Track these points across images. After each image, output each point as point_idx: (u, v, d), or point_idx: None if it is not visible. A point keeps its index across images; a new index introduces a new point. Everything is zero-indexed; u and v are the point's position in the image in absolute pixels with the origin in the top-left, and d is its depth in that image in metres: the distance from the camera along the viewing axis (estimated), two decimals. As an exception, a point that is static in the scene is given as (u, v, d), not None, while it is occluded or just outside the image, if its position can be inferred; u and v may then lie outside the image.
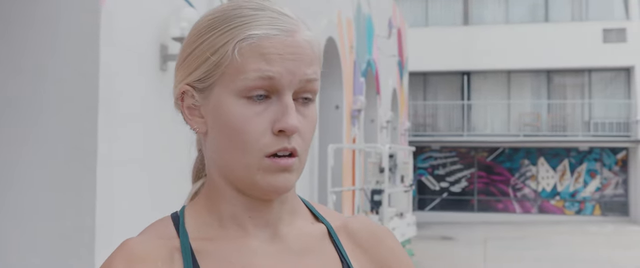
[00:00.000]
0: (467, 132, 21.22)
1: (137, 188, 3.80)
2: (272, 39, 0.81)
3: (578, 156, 20.94)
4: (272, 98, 0.82)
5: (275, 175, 0.82)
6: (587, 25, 20.69)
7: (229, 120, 0.82)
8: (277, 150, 0.81)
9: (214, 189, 0.87)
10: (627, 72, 20.67)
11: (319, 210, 0.96)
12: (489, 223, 19.34)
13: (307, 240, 0.90)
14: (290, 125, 0.81)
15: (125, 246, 0.83)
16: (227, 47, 0.82)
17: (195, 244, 0.84)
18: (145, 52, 3.90)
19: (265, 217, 0.87)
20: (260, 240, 0.86)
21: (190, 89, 0.87)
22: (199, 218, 0.87)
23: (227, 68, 0.82)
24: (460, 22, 22.09)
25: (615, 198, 20.64)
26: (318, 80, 0.85)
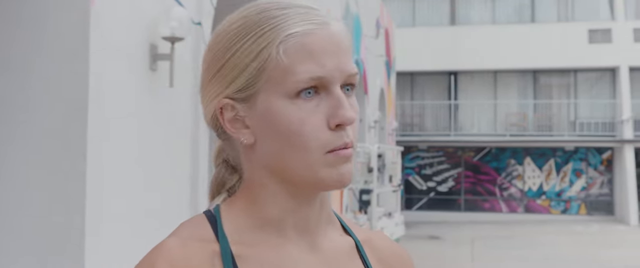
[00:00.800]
0: (454, 132, 21.31)
1: (127, 187, 3.79)
2: (312, 35, 0.80)
3: (564, 156, 21.07)
4: (321, 93, 0.81)
5: (339, 168, 0.81)
6: (572, 25, 20.84)
7: (284, 123, 0.80)
8: (340, 146, 0.80)
9: (260, 194, 0.85)
10: (613, 73, 20.84)
11: (345, 221, 0.95)
12: (476, 222, 19.43)
13: (340, 253, 0.89)
14: (348, 118, 0.80)
15: (165, 248, 0.79)
16: (269, 50, 0.80)
17: (235, 248, 0.81)
18: (134, 52, 3.88)
19: (307, 222, 0.86)
20: (300, 248, 0.85)
21: (230, 102, 0.83)
22: (238, 221, 0.84)
23: (273, 71, 0.80)
24: (447, 22, 22.17)
25: (600, 198, 20.79)
26: (358, 74, 0.85)
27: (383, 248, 0.96)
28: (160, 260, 0.78)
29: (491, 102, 21.51)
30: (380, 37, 15.05)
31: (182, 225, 0.85)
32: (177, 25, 4.09)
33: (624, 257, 11.89)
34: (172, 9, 4.08)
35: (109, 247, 3.55)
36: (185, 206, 4.54)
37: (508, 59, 20.81)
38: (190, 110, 4.64)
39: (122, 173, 3.73)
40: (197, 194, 4.66)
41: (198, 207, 4.64)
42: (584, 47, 20.41)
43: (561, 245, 14.06)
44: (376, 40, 14.33)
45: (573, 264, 11.29)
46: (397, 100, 20.86)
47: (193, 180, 4.65)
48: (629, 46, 20.12)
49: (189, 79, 4.60)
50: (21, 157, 3.34)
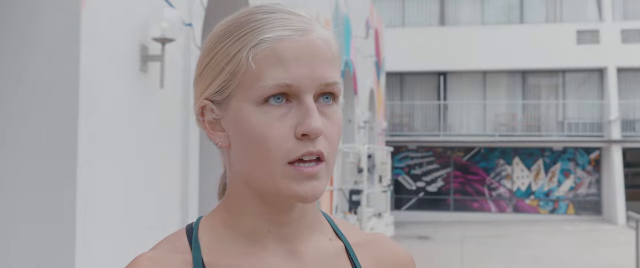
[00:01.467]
0: (443, 132, 21.37)
1: (117, 188, 3.79)
2: (285, 41, 0.78)
3: (552, 156, 21.19)
4: (292, 101, 0.79)
5: (301, 184, 0.78)
6: (561, 26, 20.96)
7: (249, 129, 0.78)
8: (301, 155, 0.77)
9: (235, 202, 0.85)
10: (600, 73, 20.97)
11: (339, 225, 0.93)
12: (465, 222, 19.50)
13: (324, 259, 0.87)
14: (313, 128, 0.76)
15: (138, 262, 0.80)
16: (241, 54, 0.79)
17: (207, 258, 0.82)
18: (125, 53, 3.88)
19: (285, 231, 0.84)
20: (276, 256, 0.84)
21: (209, 103, 0.83)
22: (214, 232, 0.85)
23: (244, 76, 0.78)
24: (437, 22, 22.24)
25: (588, 198, 20.92)
26: (339, 83, 0.81)
27: (381, 251, 0.93)
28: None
29: (480, 103, 21.60)
30: (370, 38, 15.08)
31: (161, 241, 0.86)
32: (168, 26, 4.10)
33: (611, 256, 11.98)
34: (162, 10, 4.08)
35: (99, 248, 3.55)
36: (176, 207, 4.55)
37: (497, 60, 20.90)
38: (180, 111, 4.64)
39: (112, 174, 3.73)
40: (188, 195, 4.66)
41: (189, 207, 4.64)
42: (572, 47, 20.53)
43: (549, 244, 14.14)
44: (366, 41, 14.36)
45: (561, 264, 11.36)
46: (387, 100, 20.91)
47: (183, 180, 4.65)
48: (617, 47, 20.26)
49: (179, 80, 4.60)
50: (12, 158, 3.33)
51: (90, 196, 3.44)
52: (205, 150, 5.54)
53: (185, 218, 4.57)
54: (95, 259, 3.50)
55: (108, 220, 3.66)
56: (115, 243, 3.74)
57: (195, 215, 4.77)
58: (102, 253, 3.58)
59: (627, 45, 20.22)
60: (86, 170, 3.39)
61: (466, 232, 16.47)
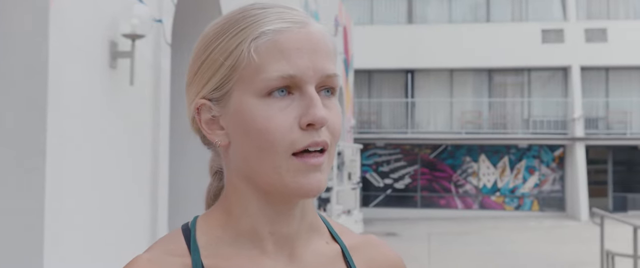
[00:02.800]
0: (410, 130, 21.52)
1: (87, 185, 3.75)
2: (286, 33, 0.78)
3: (517, 153, 21.49)
4: (295, 93, 0.78)
5: (306, 176, 0.78)
6: (526, 25, 21.26)
7: (253, 122, 0.77)
8: (307, 145, 0.77)
9: (235, 202, 0.83)
10: (564, 72, 21.32)
11: (335, 228, 0.93)
12: (432, 219, 19.68)
13: (322, 262, 0.86)
14: (319, 117, 0.76)
15: (136, 264, 0.79)
16: (242, 47, 0.78)
17: (207, 262, 0.80)
18: (95, 49, 3.84)
19: (286, 232, 0.83)
20: (275, 260, 0.83)
21: (206, 102, 0.82)
22: (212, 233, 0.83)
23: (245, 70, 0.78)
24: (405, 20, 22.37)
25: (552, 194, 21.27)
26: (338, 76, 0.82)
27: (374, 254, 0.94)
28: None
29: (447, 100, 21.80)
30: (339, 35, 15.11)
31: (158, 241, 0.84)
32: (138, 22, 4.06)
33: (574, 251, 12.19)
34: (132, 6, 4.04)
35: (68, 246, 3.51)
36: (146, 205, 4.51)
37: (464, 58, 21.11)
38: (150, 108, 4.60)
39: (82, 171, 3.69)
40: (157, 192, 4.63)
41: (158, 206, 4.61)
42: (537, 46, 20.84)
43: (514, 240, 14.34)
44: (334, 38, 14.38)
45: (526, 259, 11.54)
46: (355, 97, 20.97)
47: (154, 177, 4.62)
48: (581, 46, 20.62)
49: (149, 77, 4.56)
50: (-22, 156, 3.28)
51: (60, 193, 3.40)
52: (175, 147, 5.51)
53: (155, 216, 4.54)
54: (65, 257, 3.46)
55: (77, 218, 3.62)
56: (85, 241, 3.70)
57: (165, 213, 4.74)
58: (71, 251, 3.54)
59: (590, 44, 20.59)
60: (55, 167, 3.35)
61: (433, 229, 16.62)
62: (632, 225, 6.43)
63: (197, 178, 5.95)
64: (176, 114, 5.45)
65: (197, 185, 5.95)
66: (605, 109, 21.03)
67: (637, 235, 6.33)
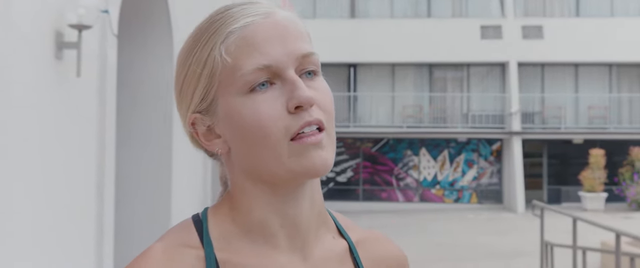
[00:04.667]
0: (353, 123, 21.72)
1: (32, 178, 3.68)
2: (251, 26, 0.79)
3: (457, 147, 21.94)
4: (276, 82, 0.79)
5: (309, 156, 0.78)
6: (466, 21, 21.70)
7: (243, 120, 0.78)
8: (301, 126, 0.78)
9: (242, 199, 0.83)
10: (502, 67, 21.86)
11: (341, 222, 0.93)
12: (374, 212, 19.92)
13: (331, 258, 0.87)
14: (304, 97, 0.77)
15: (150, 255, 0.79)
16: (214, 53, 0.79)
17: (219, 255, 0.81)
18: (40, 40, 3.77)
19: (297, 223, 0.83)
20: (287, 256, 0.83)
21: (197, 116, 0.82)
22: (223, 226, 0.83)
23: (222, 73, 0.79)
24: (347, 15, 22.54)
25: (490, 187, 21.81)
26: (315, 54, 0.82)
27: (379, 249, 0.95)
28: (146, 265, 0.78)
29: (389, 94, 22.07)
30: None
31: (170, 231, 0.84)
32: (85, 12, 4.01)
33: (511, 242, 12.57)
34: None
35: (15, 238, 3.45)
36: (92, 197, 4.46)
37: (405, 53, 21.41)
38: (97, 99, 4.55)
39: (27, 163, 3.62)
40: (104, 184, 4.58)
41: (104, 198, 4.56)
42: (476, 42, 21.31)
43: (453, 232, 14.68)
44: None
45: (465, 250, 11.83)
46: (298, 91, 20.99)
47: (100, 169, 4.56)
48: (518, 42, 21.18)
49: (96, 68, 4.51)
50: None
51: (4, 186, 3.34)
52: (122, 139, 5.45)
53: (102, 208, 4.49)
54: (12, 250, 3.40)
55: (24, 211, 3.55)
56: (32, 234, 3.64)
57: (111, 205, 4.69)
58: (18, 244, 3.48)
59: (527, 40, 21.18)
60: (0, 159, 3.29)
61: (375, 222, 16.84)
62: (572, 217, 6.68)
63: (143, 170, 5.90)
64: (122, 105, 5.39)
65: (144, 177, 5.90)
66: (541, 104, 21.68)
67: (575, 226, 6.58)
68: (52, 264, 3.85)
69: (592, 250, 7.14)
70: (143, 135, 5.90)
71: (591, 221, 6.26)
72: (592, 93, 21.58)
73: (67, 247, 4.04)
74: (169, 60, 5.89)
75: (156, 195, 5.87)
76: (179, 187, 6.03)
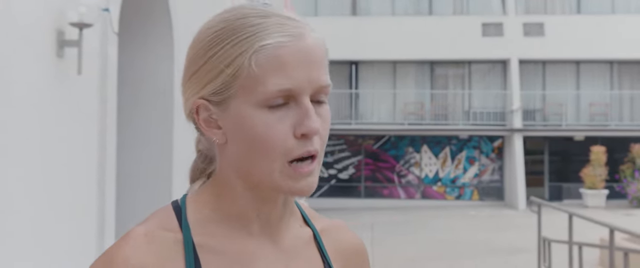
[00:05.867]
0: (354, 121, 21.75)
1: (33, 176, 3.72)
2: (285, 47, 0.83)
3: (458, 144, 21.97)
4: (290, 103, 0.84)
5: (299, 181, 0.85)
6: (467, 19, 21.71)
7: (252, 130, 0.84)
8: (301, 154, 0.84)
9: (226, 189, 0.90)
10: (504, 65, 21.87)
11: (307, 212, 1.01)
12: (376, 209, 19.96)
13: (298, 244, 0.95)
14: (312, 129, 0.83)
15: (131, 237, 0.85)
16: (243, 58, 0.83)
17: (197, 239, 0.87)
18: (42, 38, 3.81)
19: (270, 218, 0.91)
20: (260, 241, 0.91)
21: (205, 103, 0.87)
22: (202, 213, 0.90)
23: (245, 80, 0.83)
24: (349, 12, 22.56)
25: (491, 184, 21.83)
26: (330, 85, 0.88)
27: (341, 238, 1.03)
28: (127, 247, 0.84)
29: (390, 92, 22.11)
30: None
31: (150, 216, 0.90)
32: (86, 11, 4.04)
33: (510, 239, 12.59)
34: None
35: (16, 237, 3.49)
36: (94, 195, 4.50)
37: (407, 50, 21.43)
38: (98, 98, 4.59)
39: (28, 161, 3.66)
40: (105, 182, 4.62)
41: (105, 195, 4.60)
42: (478, 39, 21.32)
43: (455, 228, 14.72)
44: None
45: (467, 246, 11.86)
46: (300, 88, 21.04)
47: (100, 168, 4.60)
48: (519, 40, 21.19)
49: (97, 66, 4.54)
50: None
51: (5, 184, 3.38)
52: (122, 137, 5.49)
53: (103, 206, 4.53)
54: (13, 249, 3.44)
55: (25, 209, 3.59)
56: (33, 232, 3.68)
57: (112, 203, 4.73)
58: (19, 243, 3.52)
59: (528, 38, 21.18)
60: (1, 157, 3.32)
61: (376, 218, 16.89)
62: (567, 212, 6.72)
63: (144, 167, 5.94)
64: (123, 103, 5.43)
65: (144, 174, 5.94)
66: (542, 101, 21.70)
67: (572, 221, 6.62)
68: (53, 263, 3.89)
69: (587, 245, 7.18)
70: (144, 132, 5.94)
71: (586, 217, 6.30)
72: (593, 90, 21.59)
73: (68, 245, 4.08)
74: (170, 58, 5.92)
75: (157, 192, 5.91)
76: (179, 185, 6.08)
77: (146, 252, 0.84)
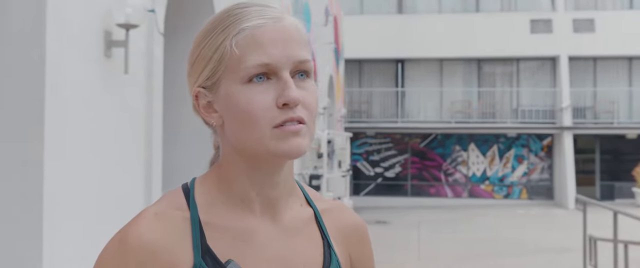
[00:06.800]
0: (401, 119, 21.68)
1: (84, 170, 3.86)
2: (262, 28, 0.93)
3: (506, 142, 21.70)
4: (272, 78, 0.93)
5: (287, 141, 0.92)
6: (515, 15, 21.42)
7: (238, 104, 0.93)
8: (283, 120, 0.92)
9: (229, 170, 0.99)
10: (553, 62, 21.51)
11: (309, 193, 1.09)
12: (422, 207, 19.87)
13: (298, 222, 1.03)
14: (291, 97, 0.91)
15: (143, 215, 0.95)
16: (225, 43, 0.93)
17: (203, 216, 0.96)
18: (90, 39, 3.95)
19: (270, 197, 0.99)
20: (261, 219, 0.99)
21: (202, 90, 0.98)
22: (208, 194, 0.99)
23: (229, 61, 0.93)
24: (395, 10, 22.49)
25: (540, 183, 21.50)
26: (310, 61, 0.96)
27: (341, 217, 1.10)
28: (140, 225, 0.94)
29: (437, 90, 21.96)
30: (329, 25, 15.22)
31: (162, 197, 1.00)
32: (132, 12, 4.17)
33: (558, 238, 12.40)
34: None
35: (66, 233, 3.63)
36: (140, 191, 4.64)
37: (453, 47, 21.27)
38: (144, 96, 4.72)
39: (79, 159, 3.80)
40: (152, 179, 4.75)
41: (152, 192, 4.74)
42: (526, 36, 21.01)
43: (502, 227, 14.56)
44: (325, 28, 14.49)
45: (513, 245, 11.74)
46: (346, 87, 21.10)
47: (147, 164, 4.74)
48: (569, 36, 20.81)
49: (143, 66, 4.68)
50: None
51: (57, 181, 3.52)
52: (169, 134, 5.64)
53: (149, 201, 4.66)
54: (64, 244, 3.58)
55: (75, 203, 3.73)
56: (84, 226, 3.82)
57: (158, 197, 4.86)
58: (70, 239, 3.66)
59: (578, 34, 20.78)
60: (53, 156, 3.46)
61: (423, 217, 16.82)
62: (613, 210, 6.61)
63: (190, 164, 6.08)
64: (169, 101, 5.57)
65: (190, 172, 6.08)
66: (592, 99, 21.25)
67: (616, 219, 6.51)
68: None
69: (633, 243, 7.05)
70: (189, 129, 6.08)
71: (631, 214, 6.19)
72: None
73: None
74: (214, 57, 6.03)
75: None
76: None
77: (157, 229, 0.93)
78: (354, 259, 1.11)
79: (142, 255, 0.92)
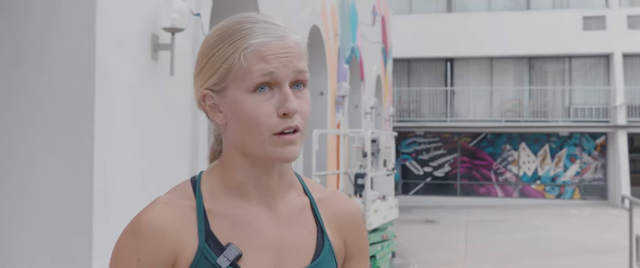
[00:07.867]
0: (450, 118, 21.54)
1: (132, 173, 4.03)
2: (267, 45, 1.05)
3: (558, 141, 21.33)
4: (274, 89, 1.06)
5: (283, 148, 1.06)
6: (567, 12, 21.04)
7: (244, 111, 1.06)
8: (284, 129, 1.05)
9: (230, 165, 1.12)
10: (606, 59, 21.05)
11: (307, 184, 1.21)
12: (472, 207, 19.71)
13: (294, 210, 1.15)
14: (291, 109, 1.05)
15: (155, 204, 1.10)
16: (234, 56, 1.06)
17: (207, 205, 1.10)
18: (137, 42, 4.12)
19: (267, 188, 1.12)
20: (259, 208, 1.12)
21: (209, 92, 1.10)
22: (212, 185, 1.12)
23: (237, 72, 1.06)
24: (444, 9, 22.35)
25: (594, 183, 21.07)
26: (307, 72, 1.09)
27: (336, 205, 1.22)
28: (151, 212, 1.09)
29: (487, 88, 21.74)
30: (377, 25, 15.25)
31: (173, 188, 1.15)
32: (177, 16, 4.33)
33: (612, 238, 12.15)
34: (172, 1, 4.30)
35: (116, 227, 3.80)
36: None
37: (504, 46, 21.02)
38: (189, 97, 4.88)
39: (126, 157, 3.97)
40: (197, 176, 4.90)
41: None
42: (579, 33, 20.62)
43: (553, 228, 14.35)
44: (372, 28, 14.53)
45: (565, 246, 11.57)
46: (394, 86, 21.08)
47: (192, 163, 4.89)
48: (623, 33, 20.34)
49: (188, 68, 4.84)
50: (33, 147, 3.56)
51: (106, 180, 3.68)
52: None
53: (195, 198, 4.80)
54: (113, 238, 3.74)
55: (123, 200, 3.90)
56: (129, 220, 3.99)
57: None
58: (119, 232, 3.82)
59: (633, 31, 20.29)
60: (102, 155, 3.63)
61: (472, 216, 16.70)
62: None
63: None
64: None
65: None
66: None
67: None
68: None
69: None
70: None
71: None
72: None
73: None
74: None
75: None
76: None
77: (166, 215, 1.08)
78: (349, 245, 1.22)
79: (153, 238, 1.07)
